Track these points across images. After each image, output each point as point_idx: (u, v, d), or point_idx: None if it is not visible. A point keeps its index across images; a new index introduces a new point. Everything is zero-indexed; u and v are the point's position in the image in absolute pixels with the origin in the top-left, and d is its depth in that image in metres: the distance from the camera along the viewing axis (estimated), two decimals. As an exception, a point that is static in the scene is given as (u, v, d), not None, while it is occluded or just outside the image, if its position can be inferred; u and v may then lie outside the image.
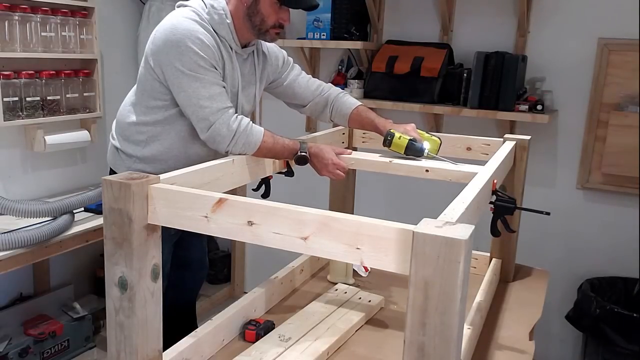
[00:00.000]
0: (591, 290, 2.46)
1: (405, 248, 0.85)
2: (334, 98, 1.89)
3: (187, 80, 1.57)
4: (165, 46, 1.59)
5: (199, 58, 1.56)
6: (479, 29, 2.73)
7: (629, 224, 2.54)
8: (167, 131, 1.72)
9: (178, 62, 1.56)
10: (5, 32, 2.47)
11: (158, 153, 1.74)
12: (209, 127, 1.58)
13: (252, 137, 1.59)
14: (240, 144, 1.58)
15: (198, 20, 1.61)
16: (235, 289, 3.59)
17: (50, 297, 2.86)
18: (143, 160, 1.76)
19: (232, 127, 1.57)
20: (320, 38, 2.89)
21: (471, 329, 1.39)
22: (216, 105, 1.58)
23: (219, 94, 1.59)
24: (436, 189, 2.49)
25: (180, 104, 1.64)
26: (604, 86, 2.50)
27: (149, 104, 1.71)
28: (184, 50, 1.55)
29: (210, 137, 1.59)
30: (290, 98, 1.96)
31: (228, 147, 1.59)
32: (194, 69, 1.56)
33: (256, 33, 1.70)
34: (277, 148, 1.62)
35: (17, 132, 2.67)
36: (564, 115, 2.62)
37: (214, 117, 1.57)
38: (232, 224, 1.01)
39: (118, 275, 1.08)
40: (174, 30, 1.58)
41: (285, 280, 1.74)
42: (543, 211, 1.47)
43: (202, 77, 1.57)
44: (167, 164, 1.72)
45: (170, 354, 1.24)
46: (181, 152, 1.74)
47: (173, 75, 1.59)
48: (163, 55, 1.60)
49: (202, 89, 1.57)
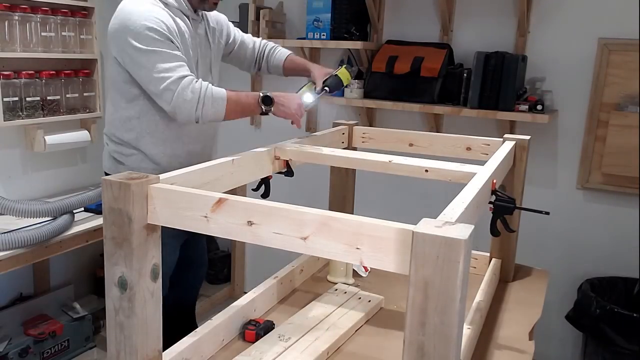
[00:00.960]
0: (591, 290, 2.46)
1: (405, 248, 0.85)
2: (269, 51, 2.06)
3: (145, 56, 1.62)
4: (122, 30, 1.64)
5: (155, 32, 1.61)
6: (479, 29, 2.73)
7: (629, 224, 2.54)
8: (155, 121, 1.77)
9: (135, 40, 1.62)
10: (5, 32, 2.47)
11: (152, 145, 1.80)
12: (173, 96, 1.61)
13: (217, 95, 1.63)
14: (208, 106, 1.62)
15: (150, 0, 1.67)
16: (235, 289, 3.59)
17: (50, 297, 2.86)
18: (141, 154, 1.81)
19: (195, 89, 1.61)
20: (320, 38, 2.89)
21: (471, 329, 1.39)
22: (176, 74, 1.61)
23: (178, 65, 1.63)
24: (436, 189, 2.50)
25: (141, 82, 1.68)
26: (604, 86, 2.50)
27: (126, 95, 1.76)
28: (139, 28, 1.61)
29: (176, 105, 1.62)
30: (241, 60, 2.09)
31: (197, 112, 1.62)
32: (150, 43, 1.61)
33: (197, 1, 1.78)
34: (243, 100, 1.67)
35: (17, 132, 2.67)
36: (564, 115, 2.62)
37: (175, 85, 1.61)
38: (232, 224, 1.01)
39: (118, 275, 1.08)
40: (128, 14, 1.64)
41: (285, 280, 1.74)
42: (543, 211, 1.47)
43: (160, 50, 1.62)
44: (165, 152, 1.82)
45: (170, 354, 1.24)
46: (173, 133, 1.81)
47: (132, 55, 1.64)
48: (121, 40, 1.65)
49: (160, 62, 1.61)
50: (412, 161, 1.62)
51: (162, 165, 1.81)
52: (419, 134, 1.95)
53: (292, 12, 3.19)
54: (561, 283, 2.66)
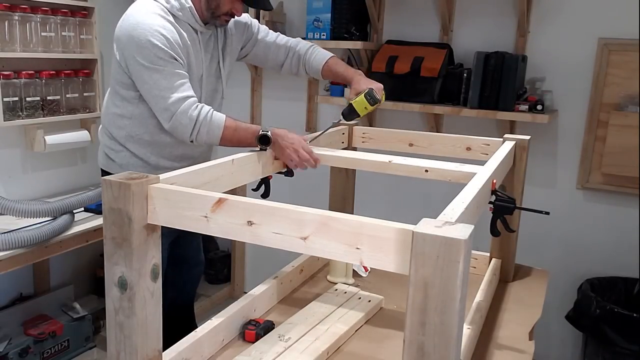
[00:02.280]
0: (591, 290, 2.46)
1: (405, 248, 0.85)
2: (304, 54, 1.96)
3: (147, 72, 1.63)
4: (128, 41, 1.65)
5: (159, 50, 1.62)
6: (479, 29, 2.73)
7: (629, 224, 2.54)
8: (145, 125, 1.78)
9: (139, 55, 1.63)
10: (5, 32, 2.47)
11: (139, 146, 1.82)
12: (171, 118, 1.64)
13: (213, 123, 1.64)
14: (203, 133, 1.64)
15: (158, 12, 1.67)
16: (235, 289, 3.59)
17: (50, 297, 2.86)
18: (129, 152, 1.83)
19: (192, 116, 1.63)
20: (320, 38, 2.89)
21: (471, 329, 1.39)
22: (176, 95, 1.63)
23: (180, 85, 1.64)
24: (436, 189, 2.50)
25: (144, 96, 1.71)
26: (604, 86, 2.50)
27: (122, 94, 1.78)
28: (144, 44, 1.61)
29: (173, 126, 1.66)
30: (263, 61, 2.03)
31: (192, 137, 1.66)
32: (154, 61, 1.62)
33: (209, 16, 1.76)
34: (240, 132, 1.64)
35: (17, 132, 2.67)
36: (564, 115, 2.62)
37: (175, 107, 1.63)
38: (231, 224, 1.01)
39: (118, 275, 1.08)
40: (135, 25, 1.64)
41: (285, 280, 1.74)
42: (542, 211, 1.47)
43: (162, 68, 1.62)
44: (153, 152, 1.82)
45: (170, 354, 1.24)
46: (161, 140, 1.81)
47: (135, 69, 1.66)
48: (126, 50, 1.67)
49: (162, 80, 1.63)
50: (412, 161, 1.62)
51: (151, 164, 1.84)
52: (419, 134, 1.95)
53: (292, 12, 3.19)
54: (561, 283, 2.66)
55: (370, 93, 1.72)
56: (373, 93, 1.72)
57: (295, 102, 3.26)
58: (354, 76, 1.84)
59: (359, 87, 1.77)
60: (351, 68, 1.91)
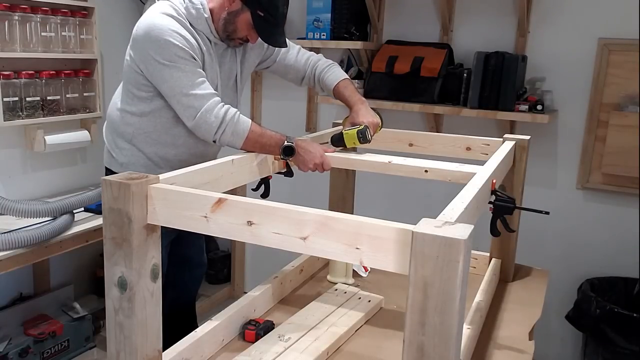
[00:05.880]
0: (591, 290, 2.46)
1: (405, 248, 0.85)
2: (319, 73, 1.94)
3: (168, 71, 1.61)
4: (145, 42, 1.64)
5: (178, 49, 1.61)
6: (479, 29, 2.73)
7: (629, 224, 2.54)
8: (154, 123, 1.77)
9: (158, 55, 1.61)
10: (5, 32, 2.47)
11: (146, 144, 1.80)
12: (195, 115, 1.61)
13: (239, 125, 1.61)
14: (228, 133, 1.61)
15: (175, 15, 1.65)
16: (235, 289, 3.59)
17: (50, 297, 2.86)
18: (135, 148, 1.82)
19: (218, 114, 1.60)
20: (320, 38, 2.89)
21: (471, 329, 1.39)
22: (200, 92, 1.61)
23: (201, 82, 1.63)
24: (435, 189, 2.50)
25: (165, 95, 1.68)
26: (604, 86, 2.50)
27: (134, 93, 1.76)
28: (162, 44, 1.60)
29: (197, 125, 1.62)
30: (283, 75, 2.02)
31: (216, 136, 1.62)
32: (173, 59, 1.61)
33: (224, 36, 1.75)
34: (265, 139, 1.63)
35: (17, 132, 2.67)
36: (564, 115, 2.62)
37: (200, 104, 1.60)
38: (231, 224, 1.01)
39: (118, 276, 1.08)
40: (152, 26, 1.63)
41: (285, 280, 1.74)
42: (542, 211, 1.47)
43: (183, 67, 1.61)
44: (158, 153, 1.80)
45: (170, 354, 1.24)
46: (168, 141, 1.79)
47: (155, 69, 1.64)
48: (144, 51, 1.65)
49: (184, 78, 1.61)
50: (412, 161, 1.62)
51: (154, 162, 1.83)
52: (419, 134, 1.95)
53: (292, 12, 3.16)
54: (561, 283, 2.66)
55: (363, 132, 1.70)
56: (366, 133, 1.70)
57: (296, 102, 3.25)
58: (355, 104, 1.82)
59: (357, 119, 1.76)
60: (357, 94, 1.87)
